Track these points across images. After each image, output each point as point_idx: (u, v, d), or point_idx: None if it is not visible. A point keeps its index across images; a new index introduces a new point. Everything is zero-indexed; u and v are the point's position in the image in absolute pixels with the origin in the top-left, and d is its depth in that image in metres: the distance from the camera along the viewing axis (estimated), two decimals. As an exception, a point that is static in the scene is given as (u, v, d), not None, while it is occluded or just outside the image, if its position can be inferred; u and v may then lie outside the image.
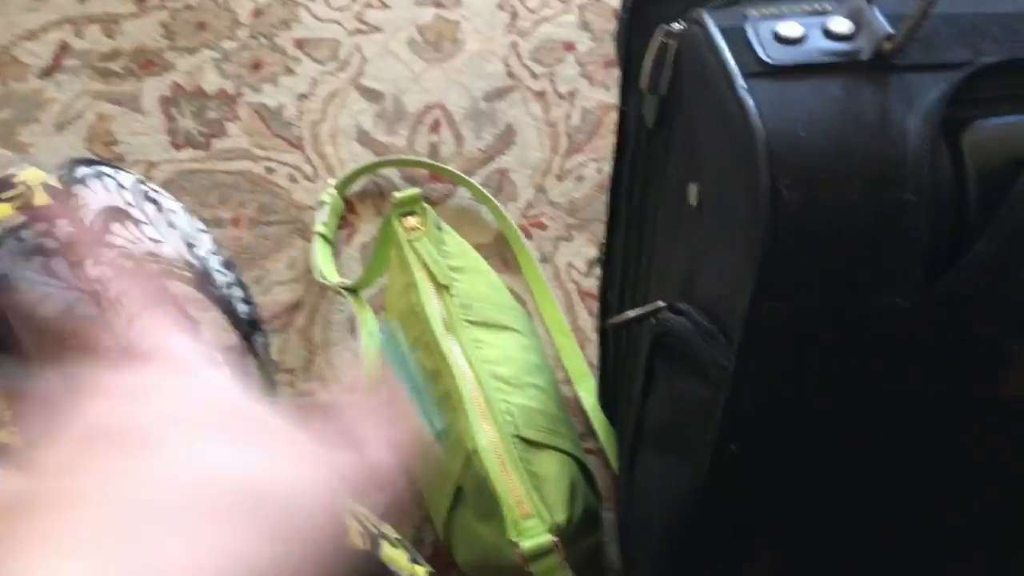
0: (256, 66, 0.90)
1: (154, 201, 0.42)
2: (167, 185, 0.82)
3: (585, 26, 0.95)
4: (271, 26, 0.93)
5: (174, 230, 0.42)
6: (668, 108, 0.45)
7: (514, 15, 0.96)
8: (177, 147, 0.85)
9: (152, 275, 0.36)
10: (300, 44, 0.92)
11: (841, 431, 0.41)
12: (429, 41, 0.93)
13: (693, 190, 0.42)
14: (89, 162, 0.40)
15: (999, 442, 0.41)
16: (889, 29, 0.37)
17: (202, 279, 0.42)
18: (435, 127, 0.88)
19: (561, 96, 0.90)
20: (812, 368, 0.38)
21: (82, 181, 0.38)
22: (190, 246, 0.42)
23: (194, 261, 0.41)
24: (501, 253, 0.81)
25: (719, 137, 0.38)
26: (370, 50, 0.92)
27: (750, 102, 0.36)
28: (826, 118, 0.35)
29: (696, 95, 0.41)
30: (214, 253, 0.45)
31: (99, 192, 0.38)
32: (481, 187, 0.83)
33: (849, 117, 0.35)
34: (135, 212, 0.39)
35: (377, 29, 0.94)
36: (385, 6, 0.96)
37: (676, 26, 0.43)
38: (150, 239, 0.39)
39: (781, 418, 0.40)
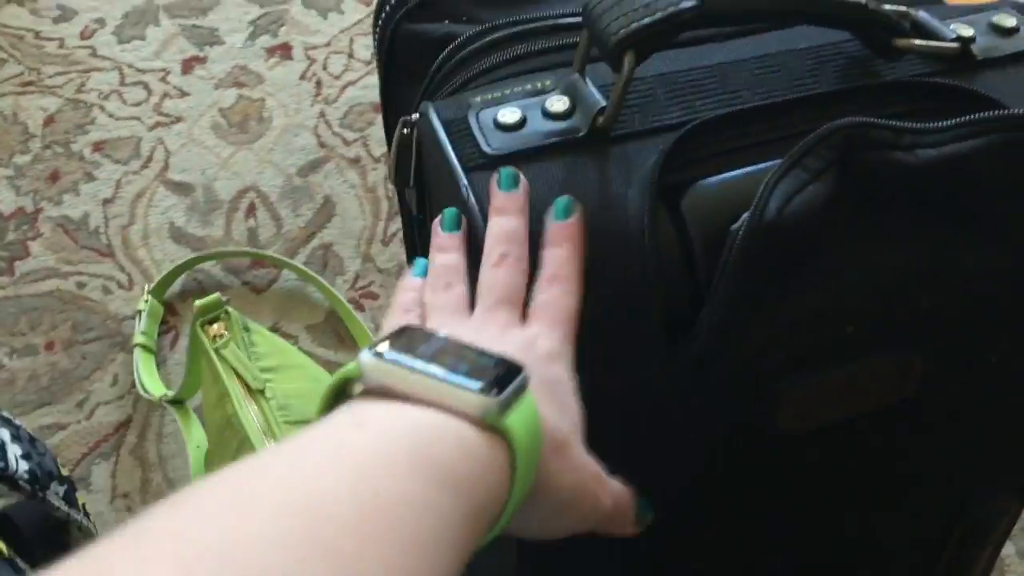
0: (54, 177, 0.87)
1: None
2: (-29, 319, 0.78)
3: (391, 84, 0.95)
4: (65, 132, 0.90)
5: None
6: (423, 197, 0.44)
7: (318, 84, 0.95)
8: (-23, 277, 0.80)
9: None
10: (98, 147, 0.89)
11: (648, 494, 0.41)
12: (234, 123, 0.91)
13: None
14: None
15: (790, 475, 0.41)
16: (602, 101, 0.37)
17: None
18: (251, 211, 0.86)
19: (376, 159, 0.90)
20: (598, 444, 0.38)
21: None
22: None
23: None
24: (335, 331, 0.80)
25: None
26: (173, 142, 0.90)
27: (472, 200, 0.35)
28: (549, 203, 0.35)
29: (439, 188, 0.41)
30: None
31: None
32: (305, 266, 0.81)
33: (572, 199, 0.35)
34: None
35: (178, 119, 0.91)
36: (184, 94, 0.93)
37: (413, 117, 0.42)
38: None
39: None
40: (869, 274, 0.35)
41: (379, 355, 0.27)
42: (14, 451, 0.46)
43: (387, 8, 0.48)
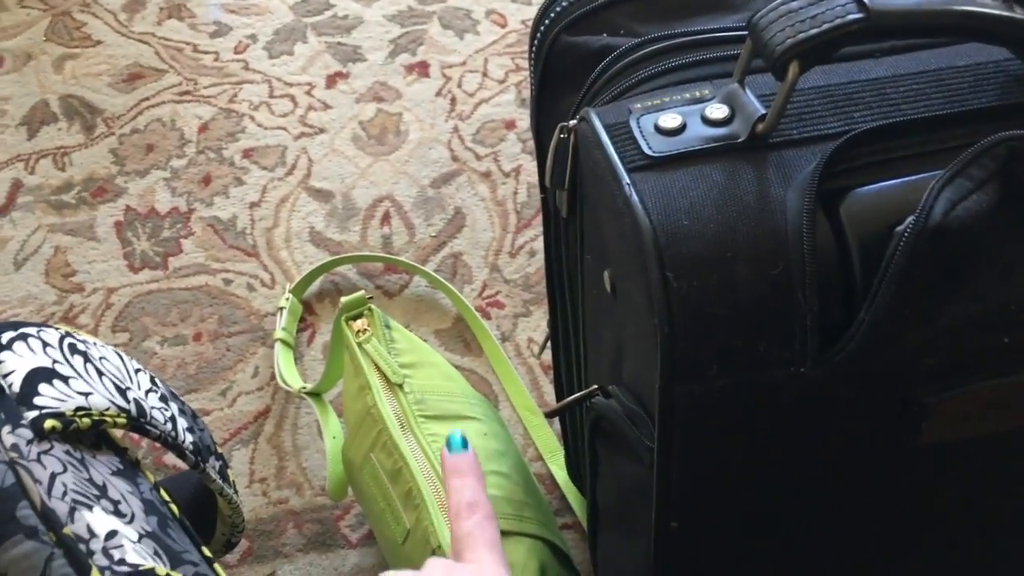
0: (206, 180, 0.92)
1: (82, 352, 0.43)
2: (127, 308, 0.84)
3: (523, 103, 0.98)
4: (218, 139, 0.95)
5: (104, 378, 0.43)
6: (575, 200, 0.46)
7: (453, 100, 0.98)
8: (135, 270, 0.86)
9: None
10: (247, 154, 0.94)
11: (774, 497, 0.41)
12: (373, 136, 0.96)
13: (607, 276, 0.43)
14: (12, 326, 0.41)
15: (925, 488, 0.41)
16: (762, 110, 0.39)
17: (138, 421, 0.42)
18: (386, 219, 0.89)
19: (506, 174, 0.92)
20: (732, 441, 0.39)
21: (7, 346, 0.39)
22: (123, 390, 0.43)
23: (127, 405, 0.42)
24: (462, 336, 0.82)
25: (615, 230, 0.40)
26: (316, 151, 0.94)
27: (635, 197, 0.37)
28: (708, 204, 0.37)
29: (594, 189, 0.42)
30: (151, 390, 0.46)
31: (24, 355, 0.40)
32: (436, 273, 0.84)
33: (730, 201, 0.37)
34: (62, 368, 0.40)
35: (321, 130, 0.96)
36: (327, 107, 0.98)
37: (571, 123, 0.44)
38: (79, 393, 0.40)
39: (712, 492, 0.41)
40: (1028, 286, 0.36)
41: None
42: (182, 424, 0.49)
43: (546, 21, 0.50)
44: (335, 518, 0.72)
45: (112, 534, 0.36)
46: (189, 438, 0.50)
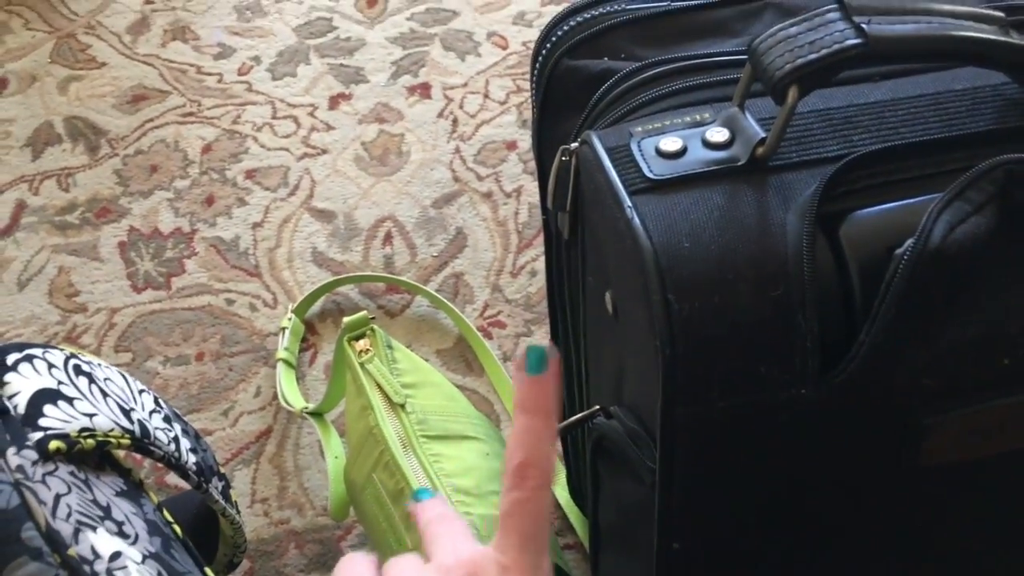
0: (209, 201, 0.93)
1: (87, 373, 0.43)
2: (130, 328, 0.84)
3: (524, 124, 0.98)
4: (221, 160, 0.96)
5: (109, 399, 0.43)
6: (577, 222, 0.47)
7: (455, 122, 0.99)
8: (138, 290, 0.87)
9: None
10: (250, 174, 0.95)
11: (776, 518, 0.42)
12: (375, 156, 0.96)
13: (608, 298, 0.44)
14: (17, 347, 0.41)
15: (927, 508, 0.42)
16: (761, 133, 0.39)
17: (141, 442, 0.43)
18: (387, 239, 0.90)
19: (507, 194, 0.93)
20: (733, 462, 0.39)
21: (10, 368, 0.40)
22: (128, 411, 0.44)
23: (131, 426, 0.43)
24: (464, 356, 0.82)
25: (616, 252, 0.40)
26: (319, 172, 0.95)
27: (636, 220, 0.37)
28: (709, 227, 0.37)
29: (595, 212, 0.43)
30: (155, 411, 0.47)
31: (29, 376, 0.40)
32: (437, 293, 0.85)
33: (730, 223, 0.37)
34: (67, 389, 0.41)
35: (324, 151, 0.97)
36: (330, 127, 0.99)
37: (573, 145, 0.45)
38: (83, 414, 0.40)
39: (714, 513, 0.41)
40: (1027, 308, 0.36)
41: None
42: (185, 444, 0.50)
43: (548, 45, 0.51)
44: (337, 538, 0.72)
45: (116, 555, 0.36)
46: (192, 459, 0.50)
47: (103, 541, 0.35)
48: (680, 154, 0.40)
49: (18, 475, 0.35)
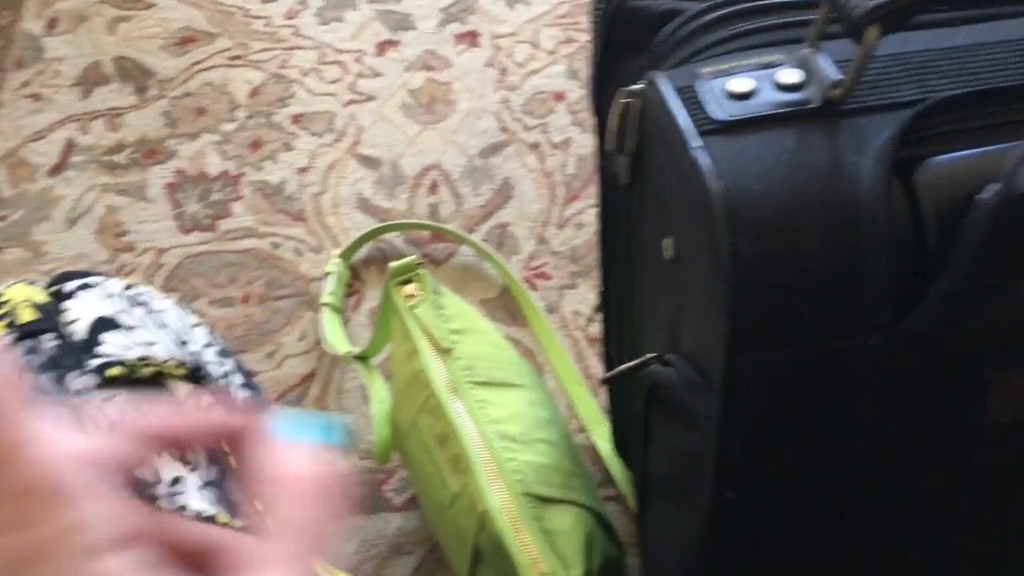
0: (256, 145, 0.93)
1: (144, 304, 0.43)
2: (177, 268, 0.85)
3: (573, 75, 0.97)
4: (268, 105, 0.96)
5: (165, 330, 0.43)
6: (637, 165, 0.46)
7: (503, 71, 0.98)
8: (185, 231, 0.87)
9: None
10: (297, 119, 0.94)
11: (833, 470, 0.41)
12: (422, 104, 0.95)
13: (668, 244, 0.43)
14: (77, 275, 0.41)
15: (988, 469, 0.41)
16: (836, 75, 0.38)
17: (196, 374, 0.43)
18: (433, 188, 0.89)
19: (555, 146, 0.92)
20: (794, 412, 0.38)
21: (71, 295, 0.40)
22: (182, 343, 0.44)
23: (186, 358, 0.43)
24: (507, 307, 0.82)
25: (681, 195, 0.39)
26: (365, 118, 0.94)
27: (704, 161, 0.37)
28: (779, 169, 0.36)
29: (659, 155, 0.42)
30: (208, 345, 0.47)
31: (88, 303, 0.40)
32: (482, 243, 0.84)
33: (802, 166, 0.36)
34: (125, 318, 0.41)
35: (371, 97, 0.96)
36: (377, 74, 0.98)
37: (637, 86, 0.44)
38: (141, 343, 0.40)
39: (771, 462, 0.41)
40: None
41: None
42: (237, 380, 0.50)
43: (611, -16, 0.49)
44: (379, 482, 0.73)
45: (177, 480, 0.36)
46: (243, 395, 0.50)
47: (165, 465, 0.35)
48: (750, 95, 0.38)
49: (79, 399, 0.36)
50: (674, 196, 0.41)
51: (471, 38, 1.01)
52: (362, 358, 0.75)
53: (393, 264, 0.65)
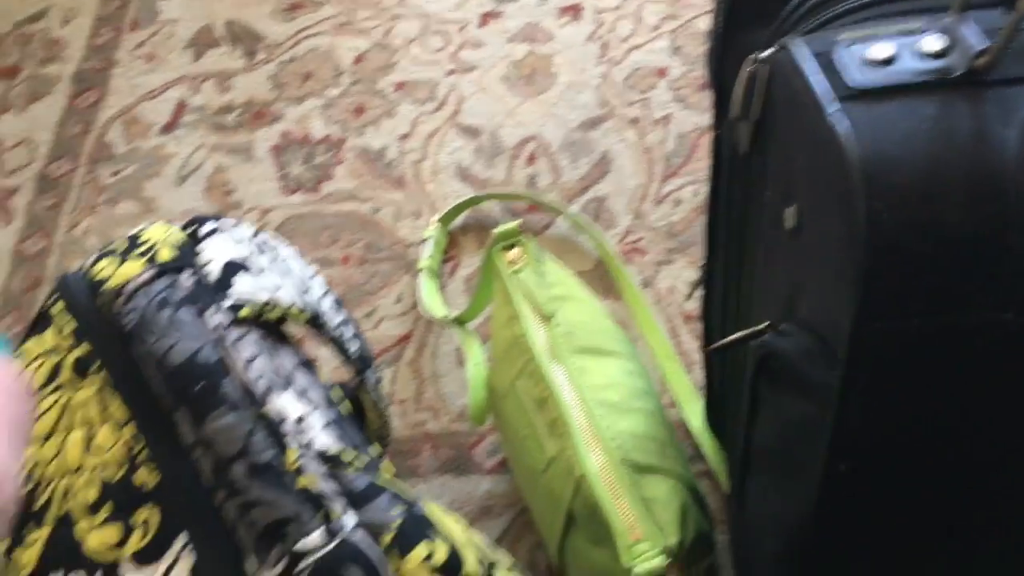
0: (359, 111, 0.94)
1: (270, 250, 0.44)
2: (281, 228, 0.87)
3: (676, 51, 0.96)
4: (372, 72, 0.97)
5: (289, 276, 0.44)
6: (761, 134, 0.45)
7: (605, 46, 0.97)
8: (289, 192, 0.89)
9: None
10: (399, 87, 0.96)
11: (954, 448, 0.40)
12: (523, 76, 0.96)
13: (790, 213, 0.42)
14: (210, 219, 0.43)
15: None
16: (982, 44, 0.37)
17: (316, 321, 0.44)
18: (532, 159, 0.90)
19: (655, 121, 0.91)
20: (920, 385, 0.38)
21: (204, 237, 0.41)
22: (303, 291, 0.45)
23: (307, 305, 0.44)
24: (602, 280, 0.82)
25: (813, 162, 0.39)
26: (466, 88, 0.95)
27: (842, 126, 0.36)
28: (919, 137, 0.35)
29: (788, 121, 0.41)
30: (325, 295, 0.48)
31: (220, 246, 0.41)
32: (579, 216, 0.84)
33: (943, 135, 0.35)
34: (254, 262, 0.42)
35: (472, 68, 0.97)
36: (479, 45, 0.99)
37: (766, 53, 0.43)
38: (269, 287, 0.42)
39: (890, 435, 0.40)
40: None
41: None
42: (349, 331, 0.51)
43: (740, -49, 0.49)
44: (470, 445, 0.74)
45: (302, 419, 0.37)
46: (355, 346, 0.51)
47: (291, 404, 0.37)
48: (890, 62, 0.38)
49: (217, 333, 0.37)
50: (804, 165, 0.40)
51: (574, 12, 1.01)
52: (460, 322, 0.76)
53: (497, 229, 0.66)
